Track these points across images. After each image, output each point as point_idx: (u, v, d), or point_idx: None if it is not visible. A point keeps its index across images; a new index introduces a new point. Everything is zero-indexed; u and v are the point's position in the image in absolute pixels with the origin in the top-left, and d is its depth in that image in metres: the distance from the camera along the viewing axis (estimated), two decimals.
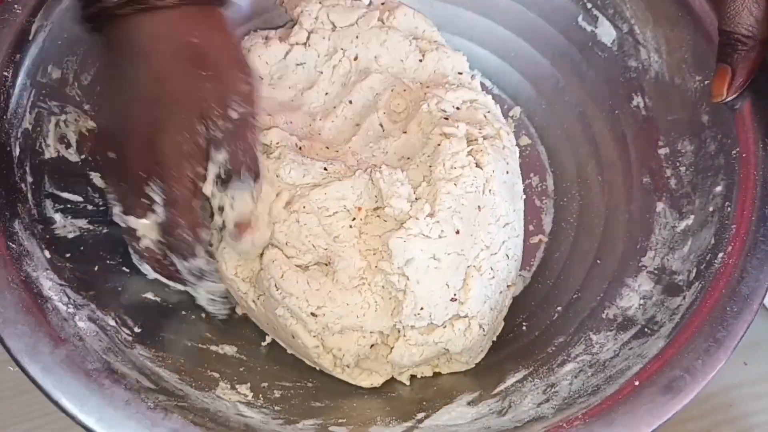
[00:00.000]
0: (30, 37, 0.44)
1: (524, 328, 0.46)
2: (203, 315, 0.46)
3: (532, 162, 0.54)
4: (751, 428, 0.48)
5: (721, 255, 0.38)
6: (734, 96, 0.42)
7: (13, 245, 0.38)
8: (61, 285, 0.39)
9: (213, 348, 0.44)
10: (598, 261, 0.47)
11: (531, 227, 0.52)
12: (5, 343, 0.35)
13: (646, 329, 0.39)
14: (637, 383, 0.35)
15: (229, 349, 0.44)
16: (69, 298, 0.38)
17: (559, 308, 0.46)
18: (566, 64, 0.53)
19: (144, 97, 0.39)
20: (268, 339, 0.46)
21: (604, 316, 0.43)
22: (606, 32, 0.51)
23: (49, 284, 0.38)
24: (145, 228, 0.41)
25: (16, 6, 0.44)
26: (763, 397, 0.49)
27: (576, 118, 0.53)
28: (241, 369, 0.43)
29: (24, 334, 0.35)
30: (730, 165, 0.41)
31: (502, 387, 0.41)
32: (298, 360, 0.45)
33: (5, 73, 0.42)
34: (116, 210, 0.41)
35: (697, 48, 0.45)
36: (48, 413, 0.47)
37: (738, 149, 0.41)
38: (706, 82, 0.44)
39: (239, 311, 0.47)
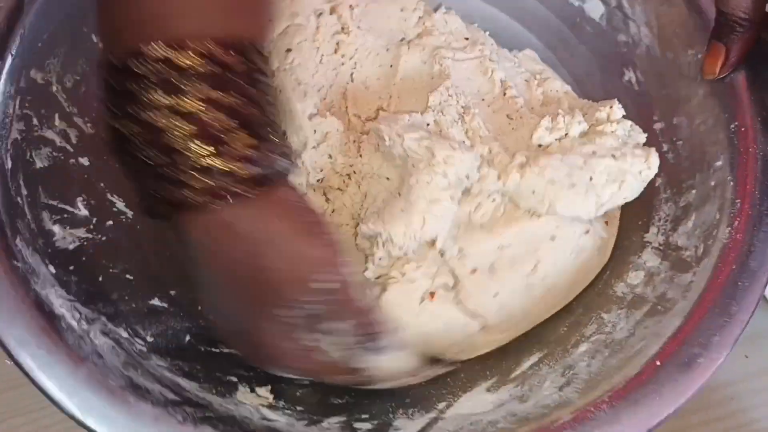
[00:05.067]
0: (8, 42, 0.42)
1: None
2: (212, 317, 0.45)
3: None
4: (753, 421, 0.49)
5: (727, 230, 0.39)
6: (726, 74, 0.42)
7: (18, 264, 0.37)
8: (70, 300, 0.38)
9: (226, 351, 0.43)
10: None
11: None
12: (23, 368, 0.34)
13: (658, 306, 0.40)
14: (658, 363, 0.36)
15: None
16: (80, 313, 0.37)
17: None
18: (555, 40, 0.53)
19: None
20: None
21: (612, 293, 0.43)
22: (594, 7, 0.51)
23: (59, 301, 0.37)
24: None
25: None
26: (765, 391, 0.50)
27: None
28: (259, 371, 0.42)
29: (41, 356, 0.34)
30: (730, 139, 0.42)
31: (518, 371, 0.41)
32: None
33: None
34: None
35: (688, 22, 0.46)
36: (43, 407, 0.46)
37: (736, 123, 0.42)
38: (699, 56, 0.45)
39: None
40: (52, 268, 0.39)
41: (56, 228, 0.41)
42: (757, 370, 0.50)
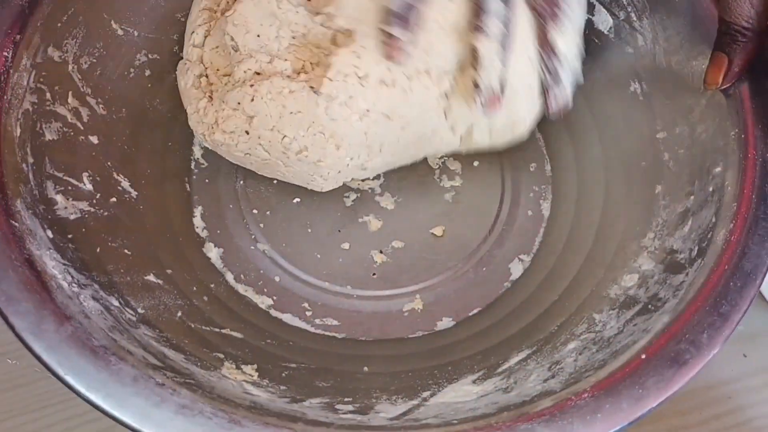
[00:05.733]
0: (29, 18, 0.44)
1: (525, 309, 0.47)
2: (205, 298, 0.46)
3: (530, 149, 0.54)
4: (751, 419, 0.48)
5: (722, 232, 0.39)
6: (729, 84, 0.43)
7: (16, 224, 0.38)
8: (64, 264, 0.38)
9: (216, 330, 0.43)
10: (598, 243, 0.47)
11: (529, 212, 0.52)
12: (9, 322, 0.35)
13: (649, 306, 0.39)
14: (643, 356, 0.35)
15: (233, 333, 0.44)
16: (72, 277, 0.38)
17: (559, 290, 0.46)
18: None
19: None
20: None
21: (605, 295, 0.43)
22: (603, 20, 0.52)
23: (52, 263, 0.38)
24: None
25: None
26: (763, 389, 0.49)
27: (573, 105, 0.54)
28: (246, 350, 0.42)
29: (28, 312, 0.35)
30: (729, 146, 0.42)
31: (506, 366, 0.41)
32: (301, 342, 0.45)
33: (5, 54, 0.42)
34: None
35: (693, 33, 0.46)
36: (45, 406, 0.47)
37: (737, 131, 0.42)
38: (703, 67, 0.45)
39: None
40: (49, 233, 0.39)
41: (59, 198, 0.42)
42: (754, 369, 0.50)
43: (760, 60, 0.42)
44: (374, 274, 0.49)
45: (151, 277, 0.44)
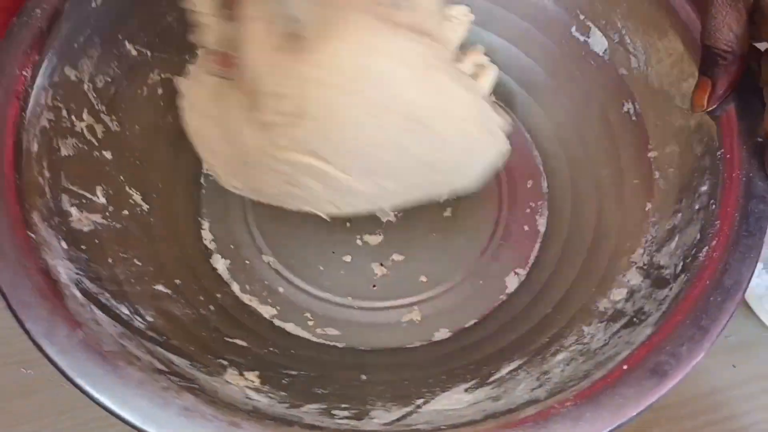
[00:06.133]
0: (47, 40, 0.46)
1: (519, 322, 0.48)
2: (212, 307, 0.48)
3: (527, 166, 0.56)
4: (745, 427, 0.50)
5: (705, 249, 0.40)
6: (714, 107, 0.44)
7: (33, 235, 0.40)
8: (77, 273, 0.40)
9: (221, 338, 0.45)
10: (590, 258, 0.49)
11: (526, 228, 0.54)
12: (25, 327, 0.37)
13: (634, 319, 0.41)
14: (625, 367, 0.37)
15: (238, 341, 0.46)
16: (85, 286, 0.40)
17: (552, 303, 0.48)
18: (560, 72, 0.55)
19: None
20: None
21: (595, 309, 0.44)
22: (598, 42, 0.53)
23: (66, 272, 0.40)
24: None
25: (36, 10, 0.46)
26: (753, 398, 0.51)
27: (569, 124, 0.55)
28: (249, 358, 0.44)
29: (42, 318, 0.37)
30: (715, 165, 0.43)
31: (497, 375, 0.43)
32: (302, 350, 0.47)
33: (24, 73, 0.44)
34: None
35: (684, 56, 0.48)
36: (57, 413, 0.49)
37: (722, 151, 0.43)
38: (692, 88, 0.47)
39: None
40: (64, 244, 0.41)
41: (73, 210, 0.44)
42: (744, 379, 0.51)
43: (746, 82, 0.44)
44: (374, 285, 0.51)
45: (160, 287, 0.46)
